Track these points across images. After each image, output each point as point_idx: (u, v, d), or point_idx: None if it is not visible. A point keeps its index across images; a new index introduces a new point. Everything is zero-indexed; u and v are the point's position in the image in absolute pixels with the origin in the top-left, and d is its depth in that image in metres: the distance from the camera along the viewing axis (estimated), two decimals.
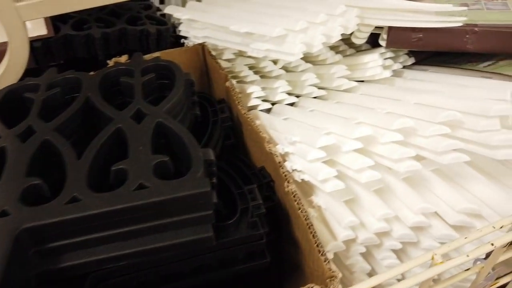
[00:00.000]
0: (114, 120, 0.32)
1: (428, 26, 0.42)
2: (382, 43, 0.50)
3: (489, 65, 0.47)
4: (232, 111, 0.45)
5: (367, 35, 0.50)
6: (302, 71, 0.53)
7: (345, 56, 0.55)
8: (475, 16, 0.47)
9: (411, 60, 0.53)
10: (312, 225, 0.31)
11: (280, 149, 0.38)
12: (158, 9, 0.80)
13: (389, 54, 0.51)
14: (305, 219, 0.32)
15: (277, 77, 0.51)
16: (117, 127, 0.32)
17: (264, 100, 0.50)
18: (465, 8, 0.50)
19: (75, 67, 0.41)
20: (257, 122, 0.45)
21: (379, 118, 0.38)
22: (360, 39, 0.50)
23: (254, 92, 0.48)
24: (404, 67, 0.53)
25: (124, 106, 0.34)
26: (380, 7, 0.43)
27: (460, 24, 0.41)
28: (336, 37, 0.42)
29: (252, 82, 0.51)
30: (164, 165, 0.28)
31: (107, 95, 0.38)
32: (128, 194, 0.26)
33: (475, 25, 0.45)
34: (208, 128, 0.41)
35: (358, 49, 0.56)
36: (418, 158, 0.36)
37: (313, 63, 0.53)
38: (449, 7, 0.41)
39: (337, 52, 0.54)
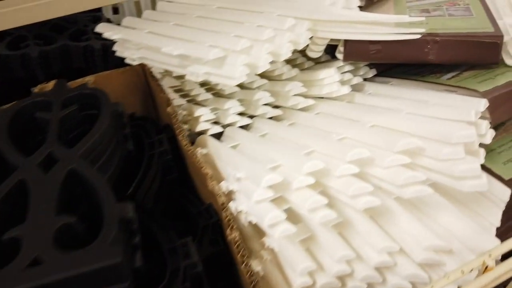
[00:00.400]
0: (18, 169, 0.27)
1: (385, 39, 0.38)
2: (339, 56, 0.46)
3: (453, 76, 0.43)
4: (177, 138, 0.40)
5: (322, 48, 0.46)
6: (257, 87, 0.49)
7: (302, 69, 0.51)
8: (436, 24, 0.44)
9: (372, 72, 0.49)
10: (257, 283, 0.27)
11: (224, 186, 0.33)
12: (109, 21, 0.75)
13: (348, 67, 0.47)
14: (250, 275, 0.27)
15: (230, 95, 0.46)
16: (19, 179, 0.26)
17: (216, 122, 0.46)
18: (426, 15, 0.47)
19: (14, 90, 0.36)
20: (204, 151, 0.40)
21: (334, 146, 0.33)
22: (315, 53, 0.46)
23: (203, 115, 0.44)
24: (365, 79, 0.49)
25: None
26: (333, 19, 0.39)
27: (419, 36, 0.37)
28: (285, 55, 0.38)
29: (204, 102, 0.46)
30: (69, 229, 0.23)
31: (21, 134, 0.33)
32: (16, 274, 0.21)
33: (436, 35, 0.42)
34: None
35: (317, 61, 0.52)
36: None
37: (269, 78, 0.49)
38: (407, 18, 0.37)
39: (294, 66, 0.50)
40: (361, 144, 0.34)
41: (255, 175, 0.31)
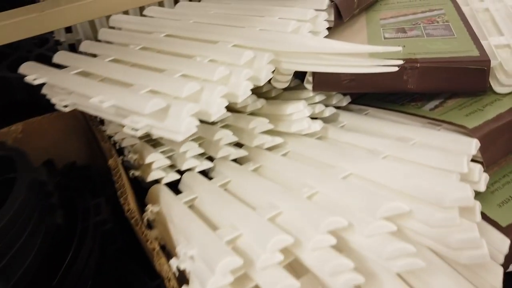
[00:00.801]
0: None
1: (357, 72, 0.33)
2: (308, 86, 0.41)
3: (436, 106, 0.38)
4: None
5: (289, 77, 0.40)
6: (219, 121, 0.43)
7: (270, 98, 0.46)
8: (414, 47, 0.39)
9: (346, 100, 0.44)
10: None
11: (174, 265, 0.27)
12: (58, 43, 0.67)
13: (319, 97, 0.42)
14: None
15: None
16: None
17: (173, 165, 0.39)
18: (402, 35, 0.42)
19: None
20: (156, 209, 0.34)
21: (305, 208, 0.28)
22: (281, 83, 0.41)
23: (156, 161, 0.38)
24: (338, 107, 0.44)
25: None
26: (298, 50, 0.34)
27: (397, 69, 0.32)
28: (243, 96, 0.32)
29: (159, 143, 0.40)
30: None
31: None
32: None
33: (415, 60, 0.37)
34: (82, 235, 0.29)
35: (287, 87, 0.46)
36: None
37: (231, 109, 0.43)
38: (382, 48, 0.32)
39: (259, 94, 0.45)
40: (336, 203, 0.28)
41: (209, 255, 0.25)
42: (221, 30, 0.39)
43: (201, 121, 0.40)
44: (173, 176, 0.38)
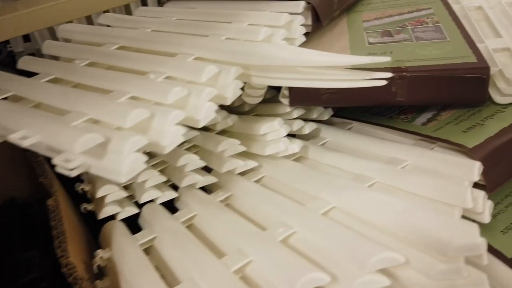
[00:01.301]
0: None
1: (338, 86, 0.28)
2: (284, 101, 0.36)
3: (429, 120, 0.34)
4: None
5: (262, 92, 0.35)
6: (185, 142, 0.38)
7: (243, 113, 0.41)
8: (403, 54, 0.34)
9: (328, 113, 0.39)
10: None
11: None
12: (11, 55, 0.61)
13: (298, 112, 0.37)
14: None
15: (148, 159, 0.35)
16: None
17: (132, 195, 0.34)
18: (389, 39, 0.37)
19: None
20: (106, 254, 0.29)
21: (280, 260, 0.23)
22: (254, 98, 0.36)
23: (109, 194, 0.32)
24: (321, 120, 0.39)
25: None
26: (270, 63, 0.29)
27: (385, 82, 0.28)
28: (205, 120, 0.27)
29: None
30: None
31: None
32: None
33: (404, 69, 0.32)
34: None
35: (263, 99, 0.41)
36: None
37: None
38: (370, 58, 0.27)
39: (231, 108, 0.40)
40: (317, 248, 0.23)
41: None
42: (182, 40, 0.34)
43: None
44: (130, 211, 0.33)
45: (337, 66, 0.27)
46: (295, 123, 0.36)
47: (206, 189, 0.36)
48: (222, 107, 0.35)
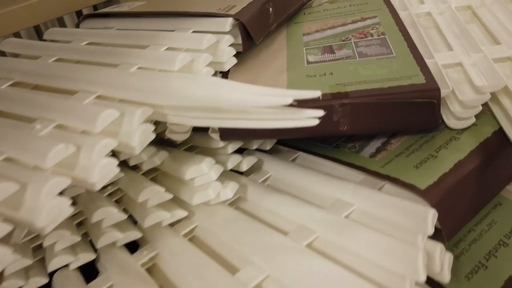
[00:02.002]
0: None
1: (265, 127, 0.23)
2: (214, 136, 0.31)
3: (378, 149, 0.30)
4: None
5: (189, 128, 0.30)
6: (110, 185, 0.33)
7: (175, 149, 0.36)
8: (344, 74, 0.30)
9: (270, 143, 0.35)
10: None
11: None
12: None
13: (233, 146, 0.32)
14: None
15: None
16: None
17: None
18: (330, 56, 0.33)
19: None
20: None
21: None
22: (179, 135, 0.31)
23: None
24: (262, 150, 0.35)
25: None
26: (182, 104, 0.24)
27: (317, 122, 0.23)
28: (102, 181, 0.22)
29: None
30: None
31: None
32: None
33: (345, 95, 0.28)
34: None
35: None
36: None
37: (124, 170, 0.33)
38: (301, 94, 0.22)
39: (161, 142, 0.35)
40: None
41: None
42: (85, 73, 0.28)
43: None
44: (35, 283, 0.27)
45: (260, 103, 0.23)
46: (230, 160, 0.32)
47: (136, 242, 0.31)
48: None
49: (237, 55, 0.33)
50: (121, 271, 0.27)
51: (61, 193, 0.21)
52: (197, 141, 0.36)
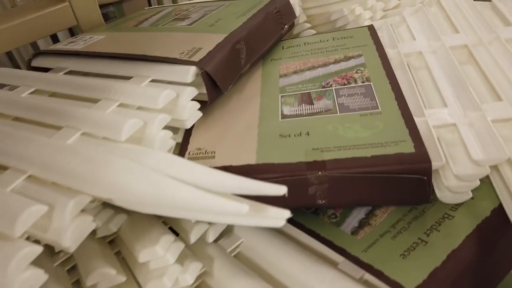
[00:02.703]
0: None
1: (217, 222, 0.19)
2: None
3: (360, 223, 0.26)
4: None
5: None
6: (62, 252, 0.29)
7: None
8: (322, 136, 0.26)
9: None
10: None
11: None
12: None
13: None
14: None
15: None
16: None
17: None
18: (308, 111, 0.29)
19: None
20: None
21: None
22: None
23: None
24: None
25: None
26: (125, 199, 0.20)
27: (283, 223, 0.19)
28: None
29: None
30: None
31: None
32: None
33: (322, 165, 0.24)
34: None
35: None
36: None
37: None
38: (261, 188, 0.18)
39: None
40: None
41: None
42: (14, 145, 0.24)
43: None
44: None
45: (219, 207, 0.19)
46: (194, 230, 0.28)
47: None
48: None
49: (204, 103, 0.29)
50: None
51: None
52: None
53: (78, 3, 0.40)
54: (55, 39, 0.52)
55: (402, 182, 0.23)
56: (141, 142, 0.25)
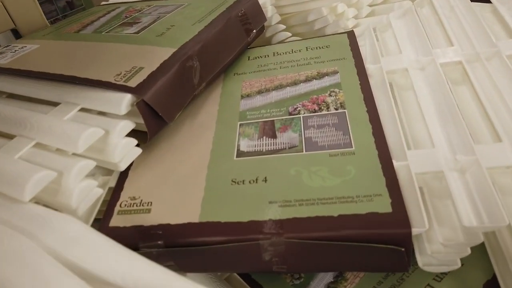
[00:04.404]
0: None
1: None
2: None
3: (329, 286, 0.22)
4: None
5: None
6: None
7: None
8: (282, 186, 0.21)
9: None
10: None
11: None
12: None
13: None
14: None
15: None
16: None
17: None
18: (269, 149, 0.24)
19: None
20: None
21: None
22: None
23: None
24: None
25: None
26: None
27: None
28: None
29: None
30: None
31: None
32: None
33: (279, 226, 0.19)
34: None
35: None
36: None
37: None
38: None
39: None
40: None
41: None
42: None
43: None
44: None
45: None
46: None
47: None
48: None
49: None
50: None
51: None
52: None
53: (13, 2, 0.35)
54: None
55: (375, 251, 0.19)
56: (56, 195, 0.20)
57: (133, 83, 0.24)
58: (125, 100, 0.23)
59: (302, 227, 0.19)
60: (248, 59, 0.32)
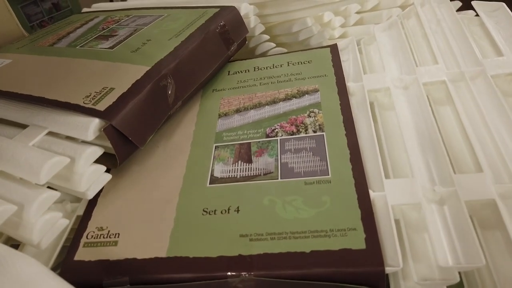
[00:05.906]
0: None
1: None
2: None
3: None
4: None
5: None
6: None
7: None
8: (255, 218, 0.21)
9: None
10: None
11: None
12: None
13: None
14: None
15: None
16: None
17: None
18: (242, 173, 0.23)
19: None
20: None
21: None
22: None
23: None
24: None
25: None
26: None
27: None
28: None
29: None
30: None
31: None
32: None
33: (249, 262, 0.19)
34: None
35: None
36: None
37: None
38: None
39: None
40: None
41: None
42: None
43: None
44: None
45: None
46: None
47: None
48: None
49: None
50: None
51: None
52: None
53: None
54: None
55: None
56: (18, 229, 0.20)
57: (102, 106, 0.23)
58: (93, 125, 0.22)
59: (273, 264, 0.19)
60: (228, 74, 0.31)
